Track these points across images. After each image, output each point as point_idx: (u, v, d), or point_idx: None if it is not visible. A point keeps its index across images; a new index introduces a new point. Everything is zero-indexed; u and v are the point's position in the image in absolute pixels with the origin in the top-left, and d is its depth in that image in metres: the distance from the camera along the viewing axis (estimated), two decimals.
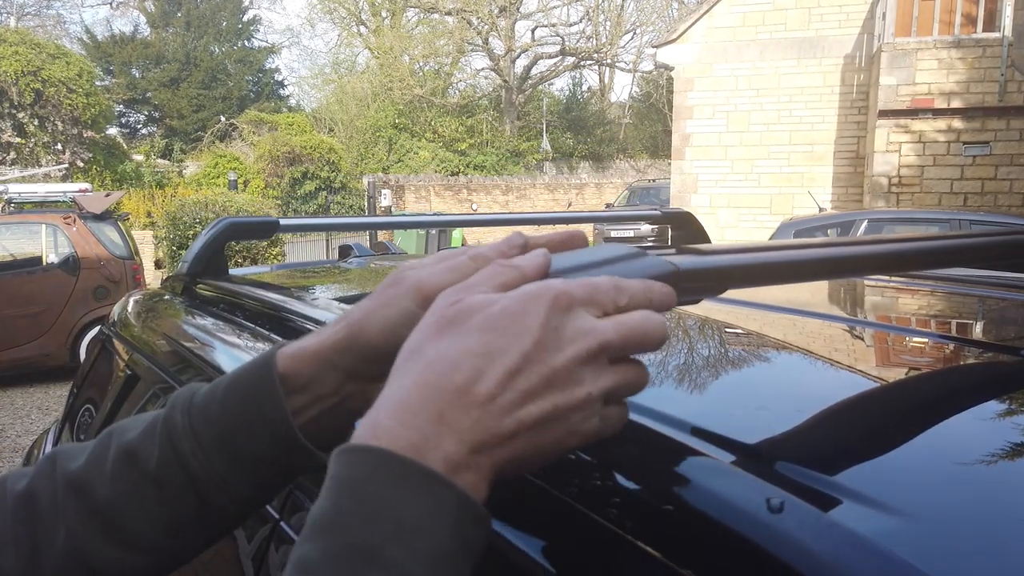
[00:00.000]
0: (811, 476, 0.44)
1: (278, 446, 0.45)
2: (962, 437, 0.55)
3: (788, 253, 0.58)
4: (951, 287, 1.18)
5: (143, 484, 0.46)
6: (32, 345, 6.62)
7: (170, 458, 0.46)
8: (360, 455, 0.34)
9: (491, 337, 0.36)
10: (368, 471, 0.33)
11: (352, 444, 0.34)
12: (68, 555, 0.45)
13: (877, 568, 0.34)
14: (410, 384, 0.35)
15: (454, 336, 0.36)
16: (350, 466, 0.33)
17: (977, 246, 0.76)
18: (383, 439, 0.34)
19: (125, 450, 0.47)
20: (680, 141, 10.98)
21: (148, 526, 0.46)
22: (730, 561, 0.37)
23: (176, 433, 0.46)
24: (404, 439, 0.34)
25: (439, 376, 0.35)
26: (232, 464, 0.46)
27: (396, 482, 0.32)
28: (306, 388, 0.46)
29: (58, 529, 0.46)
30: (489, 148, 24.18)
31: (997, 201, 8.78)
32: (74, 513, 0.46)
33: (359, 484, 0.33)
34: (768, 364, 0.78)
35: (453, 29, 25.70)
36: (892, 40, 8.87)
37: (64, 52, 15.53)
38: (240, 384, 0.47)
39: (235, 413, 0.46)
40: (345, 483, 0.33)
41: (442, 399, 0.34)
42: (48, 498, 0.47)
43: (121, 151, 17.74)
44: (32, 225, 6.77)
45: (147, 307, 1.53)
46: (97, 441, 0.49)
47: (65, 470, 0.47)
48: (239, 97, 27.23)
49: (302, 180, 17.95)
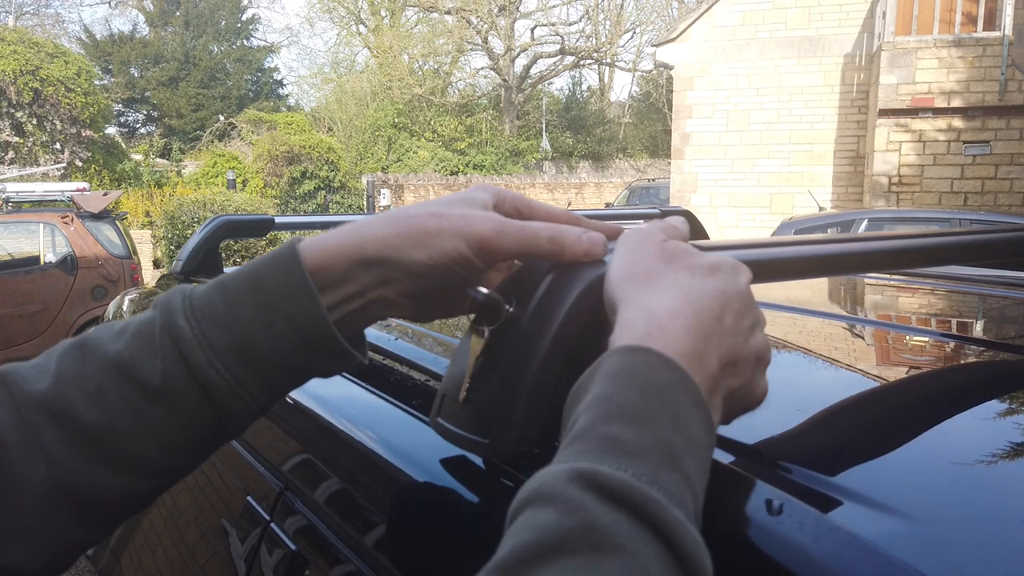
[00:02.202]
0: (811, 477, 0.44)
1: (308, 348, 0.42)
2: (964, 437, 0.54)
3: (788, 250, 0.57)
4: (951, 285, 1.17)
5: (145, 401, 0.41)
6: (29, 345, 6.61)
7: (179, 371, 0.41)
8: (661, 362, 0.36)
9: (720, 280, 0.41)
10: (669, 380, 0.35)
11: (649, 347, 0.36)
12: (51, 489, 0.40)
13: (879, 571, 0.33)
14: (677, 302, 0.39)
15: (686, 270, 0.41)
16: (651, 368, 0.36)
17: (1003, 241, 0.76)
18: (670, 344, 0.37)
19: (114, 364, 0.41)
20: (680, 140, 10.98)
21: (153, 447, 0.41)
22: (728, 564, 0.37)
23: (185, 342, 0.41)
24: (690, 347, 0.37)
25: (697, 302, 0.39)
26: (252, 370, 0.42)
27: (690, 400, 0.35)
28: (335, 286, 0.43)
29: (34, 462, 0.39)
30: (488, 147, 24.19)
31: (997, 200, 8.78)
32: (54, 442, 0.40)
33: (663, 391, 0.35)
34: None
35: (452, 28, 25.71)
36: (892, 39, 8.87)
37: (63, 51, 15.54)
38: (258, 282, 0.42)
39: (255, 315, 0.41)
40: (652, 385, 0.35)
41: (706, 322, 0.38)
42: (11, 428, 0.40)
43: (120, 150, 17.75)
44: (30, 224, 6.77)
45: (142, 306, 1.52)
46: (62, 355, 0.43)
47: (27, 393, 0.41)
48: (238, 96, 27.25)
49: (301, 179, 17.95)
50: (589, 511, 0.28)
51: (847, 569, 0.33)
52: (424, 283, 0.44)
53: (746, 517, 0.37)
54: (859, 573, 0.33)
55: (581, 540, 0.28)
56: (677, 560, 0.28)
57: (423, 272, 0.43)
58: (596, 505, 0.29)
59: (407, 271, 0.43)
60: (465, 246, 0.43)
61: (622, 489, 0.29)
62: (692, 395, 0.36)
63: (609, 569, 0.27)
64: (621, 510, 0.29)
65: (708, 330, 0.38)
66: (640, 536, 0.28)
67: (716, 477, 0.42)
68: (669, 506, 0.29)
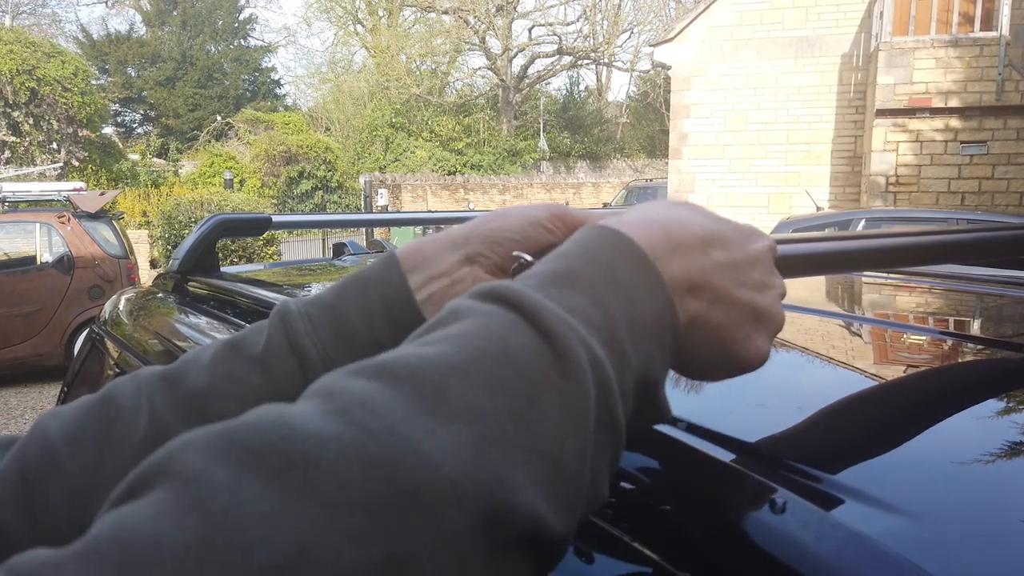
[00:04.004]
0: (812, 475, 0.43)
1: (395, 327, 0.44)
2: (965, 435, 0.54)
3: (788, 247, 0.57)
4: (950, 284, 1.17)
5: (246, 368, 0.44)
6: (26, 345, 6.59)
7: (280, 342, 0.44)
8: (614, 236, 0.36)
9: (728, 229, 0.41)
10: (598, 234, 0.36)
11: (603, 224, 0.37)
12: (148, 442, 0.42)
13: (883, 569, 0.33)
14: (654, 215, 0.39)
15: (692, 212, 0.41)
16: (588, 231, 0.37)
17: (1001, 239, 0.75)
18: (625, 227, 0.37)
19: (229, 343, 0.45)
20: (677, 140, 10.98)
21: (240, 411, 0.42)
22: (731, 563, 0.36)
23: (290, 317, 0.45)
24: (645, 241, 0.36)
25: (682, 224, 0.39)
26: (346, 349, 0.44)
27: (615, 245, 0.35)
28: (422, 266, 0.46)
29: (139, 419, 0.43)
30: (486, 147, 24.17)
31: (994, 200, 8.80)
32: (162, 402, 0.43)
33: (588, 240, 0.36)
34: (768, 361, 0.76)
35: (450, 28, 25.69)
36: (890, 39, 8.88)
37: (59, 51, 15.50)
38: (361, 276, 0.46)
39: (354, 301, 0.45)
40: (581, 238, 0.36)
41: (681, 238, 0.38)
42: (129, 396, 0.44)
43: (117, 150, 17.72)
44: (26, 224, 6.74)
45: (138, 305, 1.51)
46: (192, 350, 0.48)
47: (152, 370, 0.46)
48: (235, 96, 27.20)
49: (298, 179, 17.93)
50: (457, 303, 0.33)
51: (851, 567, 0.33)
52: (507, 251, 0.46)
53: (749, 515, 0.37)
54: (863, 571, 0.33)
55: (442, 319, 0.32)
56: (537, 331, 0.30)
57: (505, 239, 0.46)
58: (464, 300, 0.33)
59: (491, 240, 0.46)
60: (544, 211, 0.47)
61: (489, 288, 0.33)
62: (621, 245, 0.36)
63: (454, 328, 0.31)
64: (483, 300, 0.32)
65: (680, 241, 0.38)
66: (492, 309, 0.31)
67: (719, 475, 0.41)
68: (531, 293, 0.31)
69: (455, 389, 0.28)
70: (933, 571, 0.33)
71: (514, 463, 0.27)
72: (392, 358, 0.29)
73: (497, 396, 0.28)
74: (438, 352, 0.29)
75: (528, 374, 0.29)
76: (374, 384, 0.28)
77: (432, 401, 0.27)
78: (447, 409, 0.27)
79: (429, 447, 0.25)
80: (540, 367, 0.29)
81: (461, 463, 0.25)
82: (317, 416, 0.26)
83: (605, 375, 0.31)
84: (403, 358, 0.29)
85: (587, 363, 0.30)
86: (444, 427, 0.26)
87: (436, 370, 0.28)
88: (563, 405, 0.29)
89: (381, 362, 0.29)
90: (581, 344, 0.30)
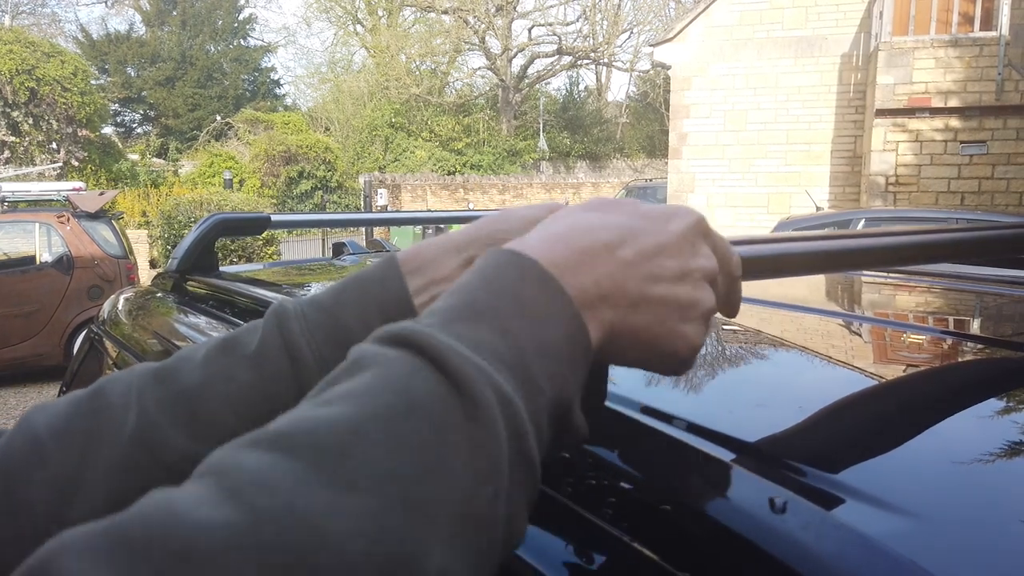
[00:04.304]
0: (813, 475, 0.43)
1: None
2: (968, 435, 0.53)
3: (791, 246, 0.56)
4: (950, 283, 1.16)
5: (239, 367, 0.43)
6: (25, 345, 6.58)
7: (274, 341, 0.43)
8: (512, 257, 0.36)
9: (638, 221, 0.40)
10: (498, 259, 0.36)
11: (505, 247, 0.37)
12: (133, 443, 0.41)
13: (884, 570, 0.33)
14: (558, 228, 0.38)
15: (603, 212, 0.40)
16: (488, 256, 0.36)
17: (1000, 238, 0.75)
18: (528, 248, 0.36)
19: (223, 341, 0.45)
20: (677, 140, 10.98)
21: (231, 414, 0.42)
22: (730, 563, 0.36)
23: (286, 316, 0.44)
24: (546, 258, 0.36)
25: (586, 231, 0.38)
26: (340, 351, 0.42)
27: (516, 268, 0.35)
28: (422, 270, 0.45)
29: (127, 417, 0.42)
30: (486, 147, 24.17)
31: (994, 200, 8.79)
32: (152, 400, 0.42)
33: (487, 267, 0.35)
34: (766, 361, 0.76)
35: (450, 28, 25.69)
36: (889, 39, 8.88)
37: (59, 51, 15.49)
38: (360, 277, 0.46)
39: (352, 303, 0.44)
40: (481, 266, 0.36)
41: (587, 246, 0.37)
42: (120, 393, 0.43)
43: (116, 150, 17.71)
44: (26, 224, 6.73)
45: (137, 305, 1.51)
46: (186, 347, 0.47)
47: (146, 366, 0.45)
48: (235, 96, 27.20)
49: (298, 179, 17.93)
50: (360, 350, 0.32)
51: (852, 568, 0.33)
52: None
53: (749, 516, 0.36)
54: (864, 572, 0.33)
55: (345, 369, 0.31)
56: (441, 375, 0.29)
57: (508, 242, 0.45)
58: (368, 346, 0.32)
59: (491, 243, 0.45)
60: (545, 212, 0.46)
61: (392, 331, 0.32)
62: (527, 268, 0.35)
63: (356, 381, 0.29)
64: (387, 344, 0.31)
65: (585, 250, 0.37)
66: (396, 355, 0.30)
67: (719, 475, 0.41)
68: (436, 335, 0.31)
69: (356, 455, 0.26)
70: (935, 572, 0.32)
71: (422, 527, 0.25)
72: (289, 424, 0.27)
73: (402, 455, 0.27)
74: (338, 413, 0.28)
75: (435, 424, 0.28)
76: (269, 456, 0.26)
77: (332, 470, 0.25)
78: (348, 478, 0.25)
79: (329, 525, 0.24)
80: (446, 415, 0.28)
81: (363, 541, 0.24)
82: (205, 501, 0.24)
83: (515, 411, 0.30)
84: (300, 423, 0.27)
85: (496, 404, 0.29)
86: (345, 499, 0.25)
87: (336, 434, 0.27)
88: (473, 452, 0.28)
89: (277, 431, 0.27)
90: (488, 384, 0.29)
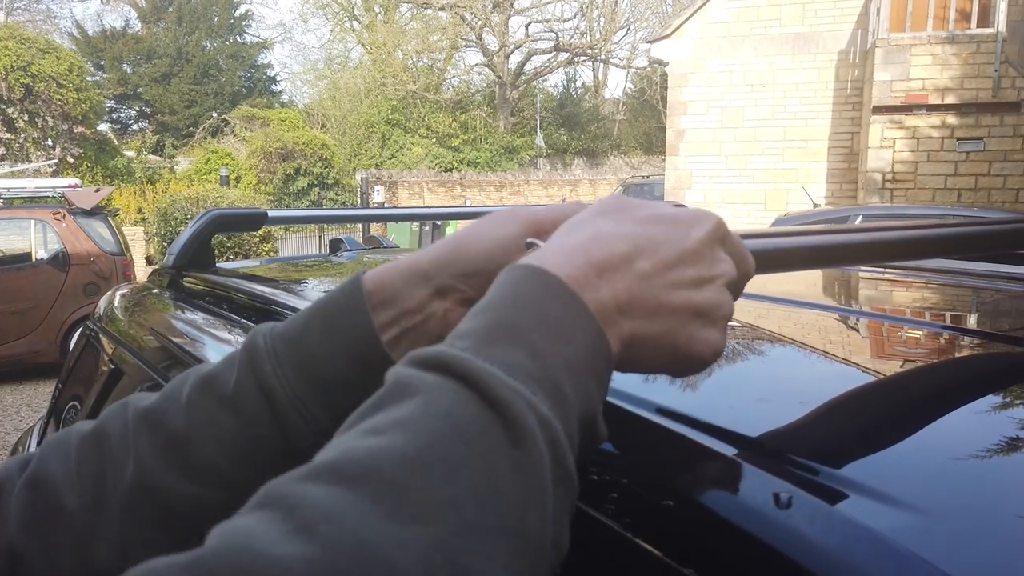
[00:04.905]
0: (816, 469, 0.43)
1: (361, 365, 0.43)
2: (971, 429, 0.53)
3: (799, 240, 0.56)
4: (950, 279, 1.16)
5: (219, 410, 0.43)
6: (21, 342, 6.57)
7: (249, 381, 0.43)
8: (535, 274, 0.36)
9: (657, 230, 0.39)
10: (523, 275, 0.36)
11: (525, 263, 0.37)
12: (134, 488, 0.43)
13: (890, 564, 0.32)
14: (576, 241, 0.38)
15: (619, 219, 0.40)
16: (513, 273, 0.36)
17: (998, 233, 0.75)
18: (549, 264, 0.36)
19: (204, 379, 0.45)
20: (674, 137, 10.98)
21: (221, 456, 0.43)
22: (735, 558, 0.35)
23: (257, 355, 0.44)
24: (566, 273, 0.36)
25: (603, 243, 0.38)
26: (312, 386, 0.43)
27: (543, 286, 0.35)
28: (391, 302, 0.44)
29: (127, 463, 0.43)
30: (483, 144, 24.15)
31: (991, 197, 8.81)
32: (146, 446, 0.43)
33: (516, 283, 0.35)
34: (767, 356, 0.76)
35: (447, 24, 25.65)
36: (886, 35, 8.88)
37: (54, 47, 15.44)
38: (325, 305, 0.45)
39: (318, 333, 0.44)
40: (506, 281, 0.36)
41: (604, 260, 0.37)
42: (119, 436, 0.44)
43: (112, 147, 17.66)
44: (21, 221, 6.71)
45: (133, 301, 1.50)
46: (173, 381, 0.47)
47: (138, 407, 0.45)
48: (231, 93, 27.14)
49: (295, 176, 17.90)
50: (400, 375, 0.32)
51: (858, 562, 0.33)
52: (481, 282, 0.44)
53: (754, 511, 0.36)
54: (870, 566, 0.32)
55: (387, 395, 0.31)
56: (484, 402, 0.30)
57: (476, 270, 0.44)
58: (406, 371, 0.32)
59: (461, 273, 0.45)
60: (515, 228, 0.45)
61: (430, 355, 0.32)
62: (551, 285, 0.35)
63: (404, 408, 0.30)
64: (426, 369, 0.32)
65: (603, 264, 0.37)
66: (437, 382, 0.31)
67: (722, 470, 0.41)
68: (472, 360, 0.31)
69: (415, 485, 0.27)
70: (941, 565, 0.32)
71: (481, 551, 0.26)
72: (345, 455, 0.28)
73: (456, 482, 0.28)
74: (390, 443, 0.29)
75: (481, 449, 0.29)
76: (334, 490, 0.27)
77: (394, 503, 0.27)
78: (411, 510, 0.26)
79: (399, 557, 0.25)
80: (492, 440, 0.29)
81: (431, 568, 0.25)
82: (280, 537, 0.25)
83: (554, 433, 0.30)
84: (355, 452, 0.28)
85: (537, 426, 0.30)
86: (409, 530, 0.26)
87: (393, 465, 0.28)
88: (519, 474, 0.29)
89: (334, 463, 0.28)
90: (529, 408, 0.30)
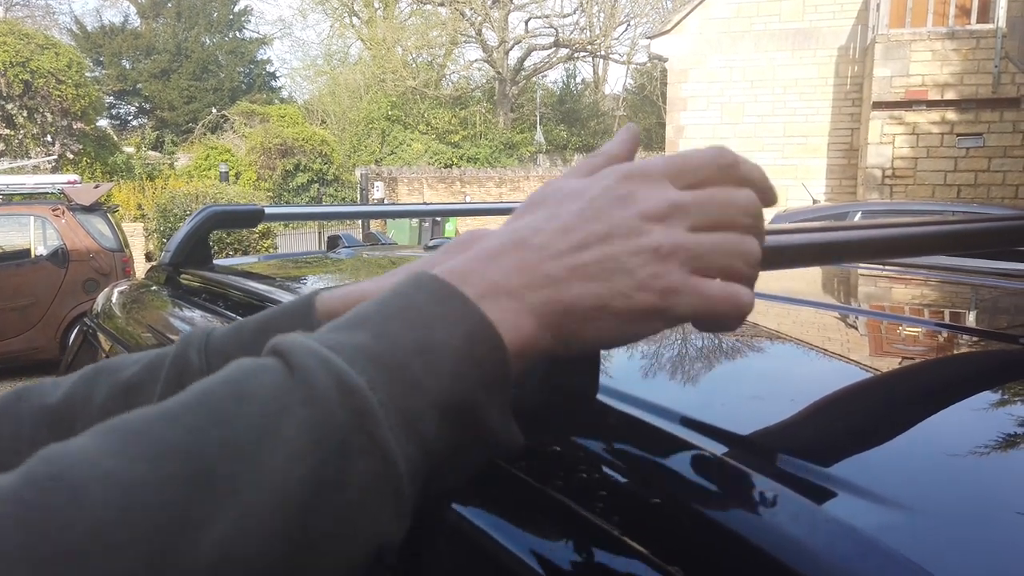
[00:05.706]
0: (805, 468, 0.43)
1: None
2: (961, 427, 0.53)
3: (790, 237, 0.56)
4: (943, 275, 1.16)
5: None
6: (21, 338, 6.58)
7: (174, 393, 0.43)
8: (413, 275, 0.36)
9: (558, 204, 0.39)
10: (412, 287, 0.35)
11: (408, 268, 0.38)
12: None
13: (875, 564, 0.32)
14: (474, 245, 0.39)
15: (530, 214, 0.39)
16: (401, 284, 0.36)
17: (996, 231, 0.75)
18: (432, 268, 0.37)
19: (122, 386, 0.43)
20: (674, 133, 10.97)
21: None
22: (721, 557, 0.36)
23: (189, 372, 0.42)
24: (448, 268, 0.36)
25: (499, 234, 0.38)
26: None
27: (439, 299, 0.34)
28: None
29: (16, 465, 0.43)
30: (482, 140, 24.12)
31: (990, 193, 8.81)
32: None
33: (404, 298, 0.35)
34: (760, 353, 0.76)
35: (446, 20, 25.60)
36: (886, 31, 8.87)
37: (53, 43, 15.40)
38: (269, 327, 0.43)
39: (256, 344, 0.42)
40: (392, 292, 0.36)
41: (497, 246, 0.37)
42: (8, 437, 0.42)
43: (111, 143, 17.64)
44: (20, 217, 6.72)
45: (130, 298, 1.50)
46: (78, 376, 0.45)
47: (36, 405, 0.43)
48: (230, 89, 27.09)
49: (294, 172, 17.89)
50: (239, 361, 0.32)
51: (843, 561, 0.33)
52: None
53: (740, 508, 0.36)
54: (855, 565, 0.32)
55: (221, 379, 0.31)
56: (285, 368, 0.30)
57: None
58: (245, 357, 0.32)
59: None
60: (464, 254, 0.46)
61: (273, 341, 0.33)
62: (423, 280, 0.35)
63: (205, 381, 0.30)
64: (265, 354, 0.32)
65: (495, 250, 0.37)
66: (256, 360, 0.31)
67: (710, 468, 0.41)
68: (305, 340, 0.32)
69: (155, 432, 0.27)
70: (926, 565, 0.32)
71: (201, 500, 0.26)
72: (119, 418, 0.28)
73: (203, 435, 0.27)
74: (164, 404, 0.29)
75: (261, 409, 0.29)
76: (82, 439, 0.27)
77: (124, 445, 0.26)
78: (138, 451, 0.26)
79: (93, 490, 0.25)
80: (277, 400, 0.29)
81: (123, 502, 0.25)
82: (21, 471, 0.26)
83: (363, 403, 0.30)
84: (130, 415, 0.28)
85: (334, 390, 0.30)
86: (126, 468, 0.25)
87: (148, 418, 0.28)
88: (299, 433, 0.28)
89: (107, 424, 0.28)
90: (327, 372, 0.30)
